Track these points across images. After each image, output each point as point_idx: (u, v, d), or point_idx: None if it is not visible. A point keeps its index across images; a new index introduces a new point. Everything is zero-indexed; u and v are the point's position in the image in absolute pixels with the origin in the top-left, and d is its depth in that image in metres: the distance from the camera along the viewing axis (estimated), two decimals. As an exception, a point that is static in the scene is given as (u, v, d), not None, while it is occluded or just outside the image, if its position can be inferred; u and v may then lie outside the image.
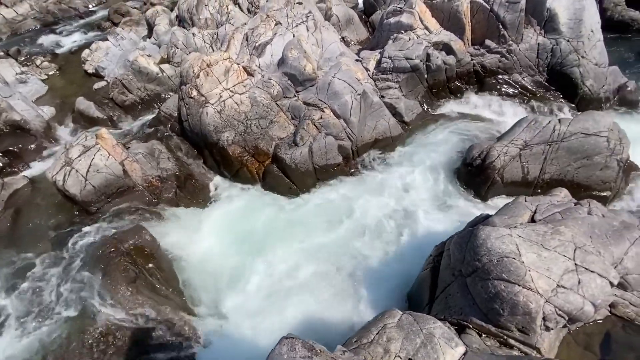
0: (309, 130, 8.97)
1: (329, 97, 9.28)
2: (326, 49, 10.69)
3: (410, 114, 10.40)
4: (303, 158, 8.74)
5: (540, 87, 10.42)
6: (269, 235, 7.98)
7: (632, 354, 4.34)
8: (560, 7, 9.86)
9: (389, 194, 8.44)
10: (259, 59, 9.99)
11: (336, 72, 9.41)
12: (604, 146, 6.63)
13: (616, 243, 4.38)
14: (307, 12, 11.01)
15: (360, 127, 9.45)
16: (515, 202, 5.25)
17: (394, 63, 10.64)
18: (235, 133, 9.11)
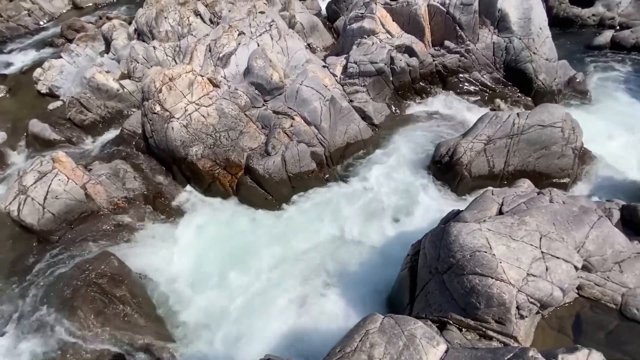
0: (280, 138, 8.89)
1: (298, 105, 9.27)
2: (292, 57, 10.68)
3: (379, 116, 10.59)
4: (276, 167, 8.64)
5: (498, 83, 10.95)
6: (247, 249, 7.79)
7: (602, 332, 4.57)
8: (510, 7, 10.44)
9: (364, 197, 8.50)
10: (224, 70, 9.82)
11: (303, 80, 9.42)
12: (559, 136, 7.04)
13: (577, 228, 4.62)
14: (270, 21, 10.98)
15: (331, 132, 9.49)
16: (483, 195, 5.43)
17: (359, 67, 10.82)
18: (204, 146, 8.86)
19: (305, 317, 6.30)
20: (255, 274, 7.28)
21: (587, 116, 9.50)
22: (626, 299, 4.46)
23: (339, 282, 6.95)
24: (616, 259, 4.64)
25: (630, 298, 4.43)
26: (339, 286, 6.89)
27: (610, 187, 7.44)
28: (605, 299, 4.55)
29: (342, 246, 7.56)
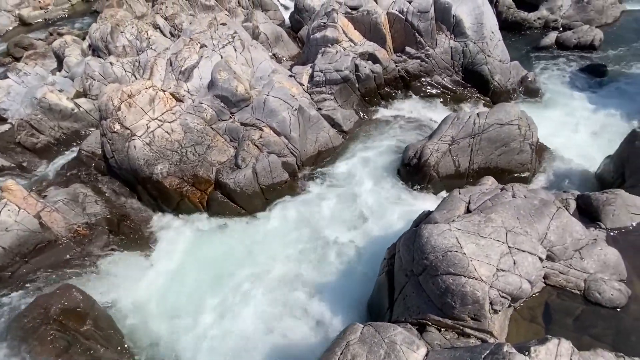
0: (250, 151, 8.73)
1: (266, 116, 9.17)
2: (257, 68, 10.60)
3: (348, 122, 10.71)
4: (248, 180, 8.46)
5: (458, 85, 11.44)
6: (221, 267, 7.52)
7: (569, 318, 4.79)
8: (464, 14, 11.00)
9: (338, 204, 8.51)
10: (187, 84, 9.55)
11: (270, 90, 9.35)
12: (517, 133, 7.43)
13: (539, 220, 4.85)
14: (232, 33, 10.86)
15: (302, 141, 9.46)
16: (451, 195, 5.58)
17: (325, 76, 10.92)
18: (170, 164, 8.52)
19: (286, 333, 6.14)
20: (231, 293, 7.02)
21: (540, 112, 10.14)
22: (588, 284, 4.72)
23: (319, 292, 6.85)
24: (576, 246, 4.91)
25: (592, 283, 4.68)
26: (319, 297, 6.79)
27: (566, 178, 7.93)
28: (569, 285, 4.78)
29: (320, 255, 7.49)
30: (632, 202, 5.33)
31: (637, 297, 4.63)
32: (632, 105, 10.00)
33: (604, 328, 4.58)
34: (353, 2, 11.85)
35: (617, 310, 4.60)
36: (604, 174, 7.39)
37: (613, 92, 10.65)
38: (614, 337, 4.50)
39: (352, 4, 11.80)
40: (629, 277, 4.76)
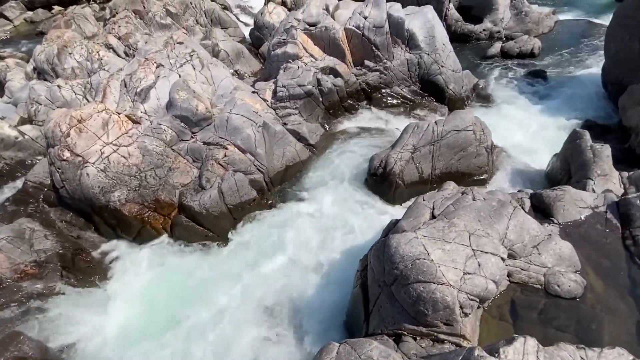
0: (214, 170, 8.48)
1: (229, 134, 8.99)
2: (218, 86, 10.42)
3: (314, 136, 10.76)
4: (213, 201, 8.17)
5: (417, 95, 11.94)
6: (189, 296, 7.11)
7: (534, 312, 4.98)
8: (416, 28, 11.58)
9: (308, 218, 8.42)
10: (144, 105, 9.18)
11: (232, 108, 9.21)
12: (472, 138, 7.82)
13: (498, 221, 5.07)
14: (190, 52, 10.65)
15: (268, 157, 9.35)
16: (416, 202, 5.71)
17: (288, 91, 10.97)
18: (129, 189, 8.05)
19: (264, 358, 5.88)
20: (202, 323, 6.64)
21: (493, 116, 10.79)
22: (547, 277, 4.96)
23: (295, 312, 6.66)
24: (533, 243, 5.17)
25: (550, 277, 4.93)
26: (296, 316, 6.60)
27: (520, 177, 8.42)
28: (531, 281, 5.00)
29: (293, 273, 7.32)
30: (579, 197, 5.74)
31: (591, 287, 4.92)
32: (572, 105, 10.92)
33: (565, 319, 4.81)
34: (311, 19, 12.11)
35: (575, 301, 4.85)
36: (553, 171, 7.93)
37: (555, 94, 11.59)
38: (575, 326, 4.74)
39: (310, 20, 12.05)
40: (582, 268, 5.06)
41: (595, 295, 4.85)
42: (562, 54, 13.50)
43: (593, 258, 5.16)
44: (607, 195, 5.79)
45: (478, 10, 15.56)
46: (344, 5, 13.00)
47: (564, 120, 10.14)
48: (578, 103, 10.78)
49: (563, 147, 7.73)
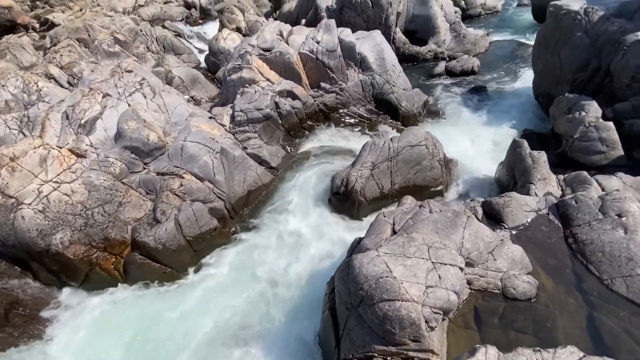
0: (170, 201, 8.06)
1: (185, 162, 8.66)
2: (172, 113, 10.11)
3: (276, 158, 10.70)
4: (170, 235, 7.71)
5: (372, 113, 12.41)
6: (149, 342, 6.50)
7: (495, 317, 5.14)
8: (367, 51, 12.20)
9: (274, 243, 8.22)
10: (89, 137, 8.61)
11: (187, 135, 8.93)
12: (426, 152, 8.20)
13: (454, 231, 5.26)
14: (140, 80, 10.30)
15: (228, 183, 9.09)
16: (377, 219, 5.80)
17: (247, 115, 10.90)
18: (73, 230, 7.38)
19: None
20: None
21: (443, 130, 11.46)
22: (504, 282, 5.18)
23: (266, 345, 6.33)
24: (488, 249, 5.41)
25: (506, 280, 5.15)
26: (265, 350, 6.27)
27: (473, 186, 8.93)
28: (490, 287, 5.19)
29: (261, 303, 7.01)
30: (524, 202, 6.16)
31: (543, 286, 5.20)
32: (511, 116, 11.93)
33: (524, 320, 5.01)
34: (265, 45, 12.32)
35: (531, 301, 5.09)
36: (500, 178, 8.50)
37: (495, 107, 12.61)
38: (533, 326, 4.94)
39: (264, 46, 12.25)
40: (534, 268, 5.36)
41: (547, 294, 5.13)
42: (498, 70, 14.85)
43: (541, 258, 5.50)
44: (547, 198, 6.28)
45: (422, 33, 16.80)
46: (297, 31, 13.42)
47: (506, 130, 11.01)
48: (516, 114, 11.81)
49: (506, 155, 8.35)
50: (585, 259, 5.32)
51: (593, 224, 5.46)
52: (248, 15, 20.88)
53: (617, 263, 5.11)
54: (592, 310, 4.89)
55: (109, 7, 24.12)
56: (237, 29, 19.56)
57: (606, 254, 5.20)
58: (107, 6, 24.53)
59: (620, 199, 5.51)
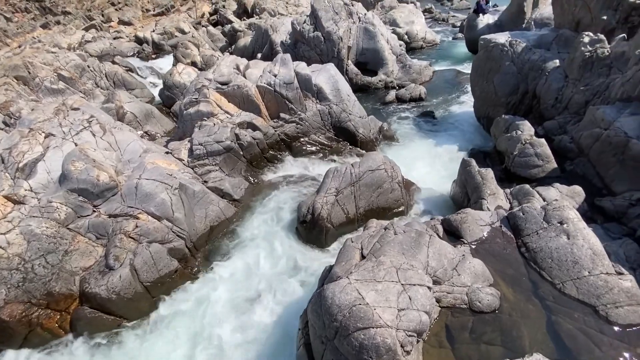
0: (124, 245, 7.46)
1: (141, 201, 8.17)
2: (125, 150, 9.62)
3: (239, 190, 10.49)
4: (125, 282, 7.08)
5: (333, 140, 12.79)
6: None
7: (465, 332, 5.26)
8: (323, 83, 12.74)
9: (240, 280, 7.85)
10: (29, 182, 7.86)
11: (142, 173, 8.50)
12: (385, 176, 8.55)
13: (419, 251, 5.43)
14: (88, 117, 9.77)
15: (189, 220, 8.68)
16: (345, 245, 5.82)
17: (206, 148, 10.69)
18: (9, 287, 6.49)
19: None
20: None
21: (399, 153, 12.10)
22: (470, 296, 5.37)
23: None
24: (452, 265, 5.63)
25: (472, 294, 5.35)
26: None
27: (431, 205, 9.38)
28: (458, 302, 5.34)
29: (229, 348, 6.54)
30: (478, 217, 6.57)
31: (505, 296, 5.47)
32: (459, 137, 12.92)
33: (492, 332, 5.19)
34: (222, 78, 12.41)
35: (496, 313, 5.31)
36: (455, 196, 9.04)
37: (443, 129, 13.63)
38: (501, 337, 5.12)
39: (221, 80, 12.33)
40: (494, 280, 5.64)
41: (509, 304, 5.40)
42: (442, 96, 16.22)
43: (500, 269, 5.82)
44: (498, 211, 6.76)
45: (372, 65, 18.00)
46: (254, 64, 13.74)
47: (454, 150, 11.88)
48: (462, 135, 12.84)
49: (458, 174, 8.95)
50: (538, 266, 5.72)
51: (540, 232, 5.94)
52: (203, 50, 21.04)
53: (565, 267, 5.55)
54: (551, 315, 5.21)
55: (52, 44, 23.06)
56: (192, 63, 19.56)
57: (555, 259, 5.64)
58: (50, 42, 23.44)
59: (560, 207, 6.09)
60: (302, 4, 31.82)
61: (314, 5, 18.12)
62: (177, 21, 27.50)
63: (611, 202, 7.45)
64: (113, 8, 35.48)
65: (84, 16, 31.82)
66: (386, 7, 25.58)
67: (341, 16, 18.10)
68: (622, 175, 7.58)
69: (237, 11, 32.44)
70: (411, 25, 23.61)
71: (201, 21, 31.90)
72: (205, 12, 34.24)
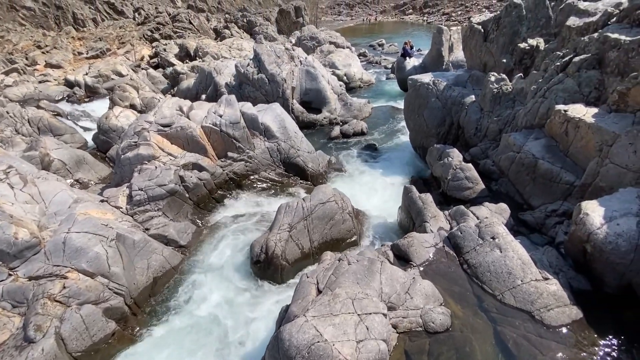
0: (48, 311, 6.46)
1: (70, 258, 7.28)
2: (50, 202, 8.66)
3: (185, 235, 9.90)
4: (49, 356, 6.04)
5: (283, 176, 12.91)
6: None
7: (423, 355, 5.36)
8: (269, 121, 13.07)
9: (193, 334, 7.18)
10: None
11: (71, 225, 7.66)
12: (336, 207, 8.78)
13: (373, 279, 5.56)
14: (5, 168, 8.72)
15: (128, 274, 7.88)
16: (301, 281, 5.73)
17: (147, 193, 10.07)
18: None
19: None
20: None
21: (348, 185, 12.60)
22: (423, 318, 5.56)
23: None
24: (404, 289, 5.83)
25: (425, 316, 5.55)
26: None
27: (381, 232, 9.76)
28: (413, 326, 5.48)
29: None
30: (423, 239, 6.99)
31: (455, 314, 5.76)
32: (399, 166, 13.89)
33: (447, 351, 5.35)
34: (164, 120, 12.09)
35: (449, 331, 5.53)
36: (402, 221, 9.55)
37: (386, 160, 14.59)
38: (456, 355, 5.30)
39: (163, 122, 12.00)
40: (444, 299, 5.93)
41: (459, 321, 5.67)
42: (382, 130, 17.55)
43: (447, 288, 6.16)
44: (440, 233, 7.28)
45: (316, 103, 19.01)
46: (198, 106, 13.68)
47: (397, 178, 12.72)
48: (402, 164, 13.85)
49: (402, 200, 9.54)
50: (479, 280, 6.18)
51: (477, 248, 6.49)
52: (143, 92, 20.43)
53: (502, 278, 6.07)
54: (496, 326, 5.57)
55: (-39, 89, 20.64)
56: (131, 106, 18.80)
57: (492, 272, 6.16)
58: (-42, 87, 20.97)
59: (491, 224, 6.76)
60: (245, 48, 33.02)
61: (256, 50, 18.96)
62: (113, 64, 26.57)
63: (531, 215, 8.48)
64: (40, 51, 33.25)
65: (4, 59, 29.28)
66: (325, 51, 27.69)
67: (283, 59, 19.13)
68: (536, 191, 8.74)
69: (179, 54, 32.48)
70: (349, 67, 25.73)
71: (141, 64, 31.22)
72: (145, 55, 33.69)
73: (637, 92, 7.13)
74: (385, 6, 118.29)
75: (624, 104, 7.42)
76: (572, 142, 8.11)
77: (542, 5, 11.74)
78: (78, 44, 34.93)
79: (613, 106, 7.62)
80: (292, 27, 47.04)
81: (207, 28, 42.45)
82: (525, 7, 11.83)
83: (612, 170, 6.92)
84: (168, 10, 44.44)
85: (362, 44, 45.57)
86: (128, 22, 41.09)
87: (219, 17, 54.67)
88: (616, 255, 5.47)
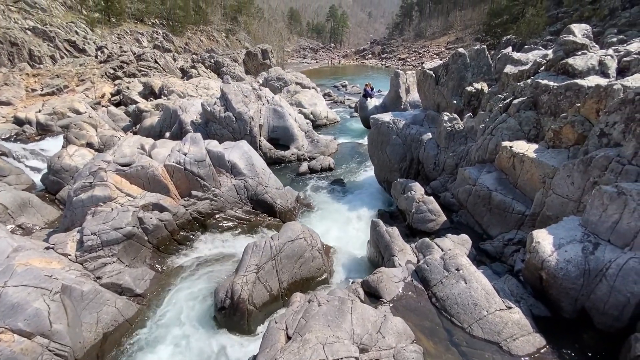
0: (-32, 385, 5.47)
1: (4, 316, 6.38)
2: (-17, 252, 7.69)
3: (142, 283, 9.14)
4: None
5: (251, 214, 12.62)
6: None
7: (400, 398, 5.17)
8: (236, 158, 12.99)
9: (145, 398, 6.39)
10: None
11: (8, 278, 6.80)
12: (305, 244, 8.66)
13: (343, 320, 5.41)
14: None
15: (73, 331, 7.01)
16: (269, 328, 5.44)
17: (100, 238, 9.32)
18: None
19: None
20: None
21: (317, 221, 12.57)
22: (396, 358, 5.42)
23: None
24: (376, 328, 5.71)
25: (398, 355, 5.41)
26: None
27: (351, 268, 9.67)
28: (385, 367, 5.31)
29: None
30: (392, 274, 7.03)
31: (427, 350, 5.69)
32: (366, 200, 14.20)
33: (422, 392, 5.22)
34: (124, 160, 11.60)
35: (416, 370, 5.41)
36: (371, 256, 9.59)
37: (353, 195, 14.89)
38: (431, 395, 5.18)
39: (123, 161, 11.50)
40: (415, 336, 5.87)
41: (432, 357, 5.61)
42: (348, 165, 18.07)
43: (418, 323, 6.13)
44: (408, 266, 7.37)
45: (284, 140, 19.34)
46: (161, 144, 13.34)
47: (364, 212, 12.94)
48: (369, 198, 14.19)
49: (370, 234, 9.64)
50: (448, 313, 6.24)
51: (443, 281, 6.62)
52: (102, 130, 19.62)
53: (469, 310, 6.18)
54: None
55: None
56: (88, 144, 17.90)
57: (460, 304, 6.26)
58: None
59: (454, 255, 6.99)
60: (212, 87, 33.41)
61: (223, 90, 19.27)
62: (70, 101, 25.53)
63: (491, 244, 8.91)
64: (-14, 87, 31.23)
65: (-57, 96, 27.09)
66: (291, 91, 28.78)
67: (250, 99, 19.55)
68: (493, 221, 9.27)
69: (143, 92, 32.05)
70: (315, 106, 26.82)
71: (101, 101, 30.30)
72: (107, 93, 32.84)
73: (568, 130, 8.09)
74: (347, 51, 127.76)
75: (559, 141, 8.36)
76: (519, 175, 8.86)
77: (483, 54, 13.32)
78: (32, 80, 33.38)
79: (550, 142, 8.54)
80: (259, 69, 48.73)
81: (174, 67, 42.72)
82: (469, 56, 13.32)
83: (556, 200, 7.59)
84: (133, 50, 44.40)
85: (327, 85, 48.08)
86: (89, 60, 40.30)
87: (186, 57, 55.46)
88: (568, 281, 5.84)
